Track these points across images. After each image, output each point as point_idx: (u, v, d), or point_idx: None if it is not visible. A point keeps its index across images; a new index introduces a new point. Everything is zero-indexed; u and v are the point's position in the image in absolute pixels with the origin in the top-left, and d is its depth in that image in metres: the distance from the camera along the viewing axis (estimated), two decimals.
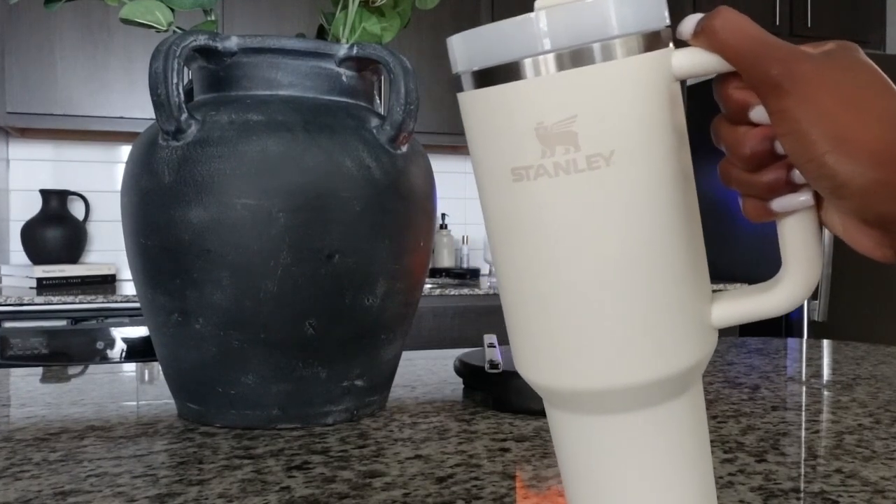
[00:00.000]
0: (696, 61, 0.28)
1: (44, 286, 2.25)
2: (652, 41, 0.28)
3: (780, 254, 0.31)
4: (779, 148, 0.28)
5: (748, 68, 0.27)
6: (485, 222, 0.32)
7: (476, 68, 0.29)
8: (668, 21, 0.29)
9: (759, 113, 0.28)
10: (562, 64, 0.27)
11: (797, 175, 0.29)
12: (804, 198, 0.29)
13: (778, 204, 0.30)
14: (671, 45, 0.29)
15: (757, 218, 0.31)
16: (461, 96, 0.30)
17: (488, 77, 0.28)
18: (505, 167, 0.29)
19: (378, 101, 0.72)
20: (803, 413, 0.69)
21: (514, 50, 0.27)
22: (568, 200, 0.28)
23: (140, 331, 2.09)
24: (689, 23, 0.28)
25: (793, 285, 0.31)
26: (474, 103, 0.29)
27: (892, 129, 0.26)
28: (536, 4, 0.28)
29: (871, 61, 0.27)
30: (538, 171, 0.28)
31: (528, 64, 0.27)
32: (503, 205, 0.30)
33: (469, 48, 0.29)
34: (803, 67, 0.26)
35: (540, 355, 0.30)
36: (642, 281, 0.28)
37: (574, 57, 0.27)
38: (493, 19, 2.73)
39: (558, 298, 0.29)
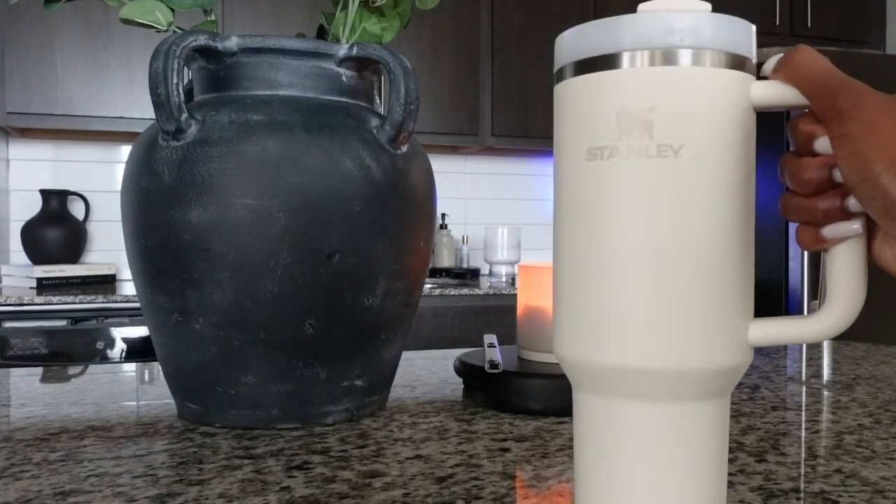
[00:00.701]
0: (773, 91, 0.32)
1: (44, 286, 2.25)
2: (736, 62, 0.31)
3: (826, 284, 0.33)
4: (836, 176, 0.31)
5: (818, 96, 0.29)
6: (554, 201, 0.35)
7: (578, 58, 0.32)
8: (754, 55, 0.32)
9: (822, 143, 0.31)
10: (654, 60, 0.31)
11: (851, 204, 0.31)
12: (855, 226, 0.31)
13: (830, 231, 0.32)
14: (753, 76, 0.32)
15: (809, 245, 0.33)
16: (559, 86, 0.34)
17: (589, 65, 0.32)
18: (582, 146, 0.32)
19: (378, 101, 0.72)
20: (803, 413, 0.69)
21: (617, 43, 0.31)
22: (634, 182, 0.31)
23: (140, 331, 2.09)
24: (772, 61, 0.32)
25: (833, 314, 0.33)
26: (569, 89, 0.33)
27: None
28: (640, 7, 0.32)
29: None
30: (612, 152, 0.31)
31: (625, 56, 0.31)
32: (574, 181, 0.33)
33: (578, 40, 0.32)
34: (868, 99, 0.28)
35: (582, 328, 0.33)
36: (687, 272, 0.31)
37: (666, 56, 0.30)
38: (494, 20, 2.73)
39: (609, 273, 0.31)
